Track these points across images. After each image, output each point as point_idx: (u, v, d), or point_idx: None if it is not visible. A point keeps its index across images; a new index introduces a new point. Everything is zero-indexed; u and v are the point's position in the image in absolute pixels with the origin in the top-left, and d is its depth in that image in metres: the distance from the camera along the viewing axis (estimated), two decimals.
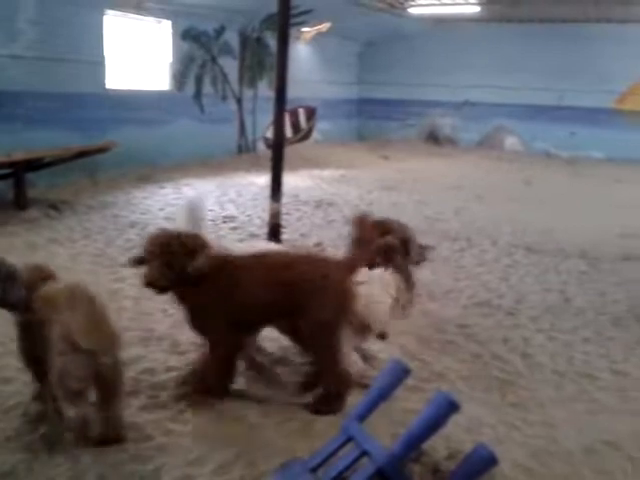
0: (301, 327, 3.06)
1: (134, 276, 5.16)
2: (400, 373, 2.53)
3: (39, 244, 6.00)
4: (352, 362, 3.35)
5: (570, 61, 14.99)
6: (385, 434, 2.80)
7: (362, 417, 2.52)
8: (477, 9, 14.42)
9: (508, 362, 3.84)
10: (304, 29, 13.83)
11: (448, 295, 5.03)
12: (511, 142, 16.48)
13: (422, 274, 5.48)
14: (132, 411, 3.02)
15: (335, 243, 6.56)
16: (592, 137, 15.23)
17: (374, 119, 17.86)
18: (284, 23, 6.14)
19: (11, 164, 7.10)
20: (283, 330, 3.39)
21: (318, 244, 6.50)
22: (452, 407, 2.26)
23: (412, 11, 14.64)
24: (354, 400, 2.95)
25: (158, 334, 4.02)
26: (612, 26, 14.51)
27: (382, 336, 3.58)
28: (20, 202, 7.20)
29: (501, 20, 15.51)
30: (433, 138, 17.22)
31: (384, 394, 2.51)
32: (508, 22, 15.54)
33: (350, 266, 3.16)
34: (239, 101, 12.71)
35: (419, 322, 4.44)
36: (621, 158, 14.55)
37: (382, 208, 8.68)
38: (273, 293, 3.01)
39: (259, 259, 3.17)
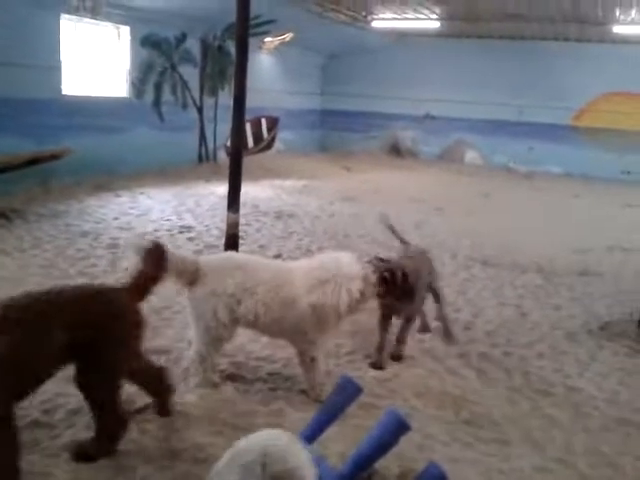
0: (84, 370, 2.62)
1: None
2: (352, 391, 2.46)
3: None
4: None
5: (529, 77, 15.33)
6: (335, 454, 2.73)
7: (312, 437, 2.44)
8: (437, 24, 14.63)
9: (463, 378, 3.82)
10: (267, 39, 13.80)
11: None
12: (471, 156, 16.72)
13: None
14: (75, 430, 2.88)
15: (294, 255, 6.48)
16: (550, 152, 15.58)
17: (336, 130, 17.92)
18: (243, 32, 6.06)
19: None
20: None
21: (277, 256, 6.41)
22: (403, 427, 2.21)
23: (375, 25, 14.77)
24: (307, 419, 2.87)
25: None
26: (569, 44, 14.93)
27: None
28: None
29: (460, 36, 15.77)
30: (395, 150, 17.35)
31: (335, 414, 2.44)
32: (467, 38, 15.81)
33: (134, 292, 2.78)
34: (200, 110, 12.56)
35: (374, 337, 4.39)
36: (579, 173, 14.92)
37: (343, 219, 8.69)
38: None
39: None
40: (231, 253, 4.47)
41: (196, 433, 2.94)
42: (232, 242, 6.20)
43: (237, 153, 6.21)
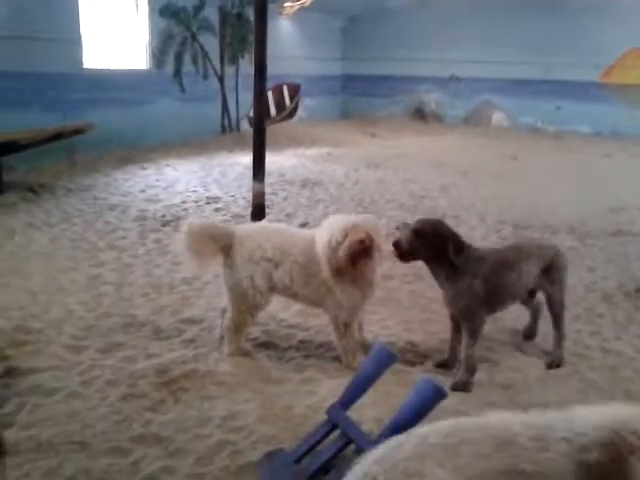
0: None
1: (114, 260, 5.06)
2: (385, 359, 2.44)
3: (17, 228, 5.83)
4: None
5: (556, 34, 14.82)
6: (370, 419, 2.72)
7: (347, 404, 2.43)
8: None
9: (498, 342, 3.77)
10: (286, 4, 13.54)
11: None
12: (498, 118, 16.33)
13: None
14: (111, 400, 2.92)
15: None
16: (579, 111, 15.12)
17: (359, 96, 17.64)
18: None
19: None
20: None
21: (304, 224, 6.37)
22: (439, 395, 2.18)
23: None
24: (340, 386, 2.86)
25: (139, 320, 3.90)
26: None
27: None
28: None
29: None
30: (419, 114, 17.04)
31: (369, 381, 2.42)
32: None
33: None
34: (221, 79, 12.45)
35: (405, 302, 4.36)
36: (608, 132, 14.50)
37: (368, 186, 8.59)
38: None
39: None
40: (264, 222, 4.47)
41: (230, 401, 2.95)
42: (259, 211, 6.20)
43: (260, 122, 6.15)
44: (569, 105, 15.29)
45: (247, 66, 12.66)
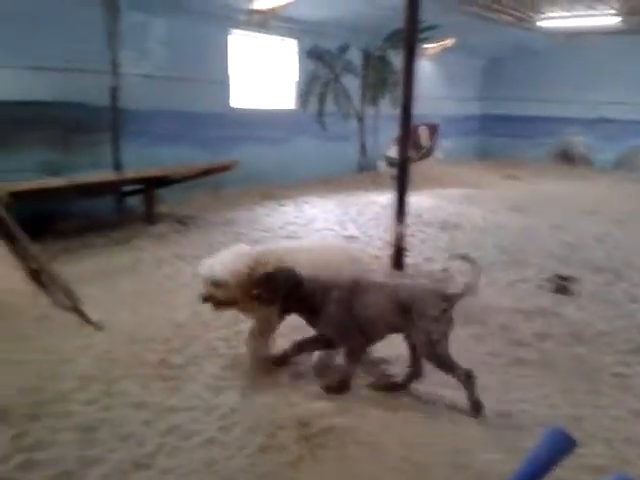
0: None
1: None
2: (563, 444, 2.10)
3: (165, 259, 6.07)
4: None
5: None
6: None
7: None
8: (615, 20, 13.32)
9: None
10: (427, 45, 13.46)
11: (599, 338, 4.40)
12: None
13: (567, 311, 4.94)
14: (250, 451, 2.80)
15: (462, 269, 6.10)
16: None
17: (498, 136, 17.06)
18: (411, 38, 5.84)
19: (141, 180, 7.32)
20: None
21: (444, 270, 6.07)
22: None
23: (541, 24, 13.80)
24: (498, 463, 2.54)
25: None
26: None
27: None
28: (149, 217, 7.43)
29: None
30: (565, 158, 16.11)
31: (543, 470, 2.09)
32: None
33: None
34: (360, 119, 12.54)
35: (565, 367, 3.91)
36: None
37: (513, 232, 8.11)
38: None
39: None
40: None
41: (374, 466, 2.73)
42: (399, 254, 6.00)
43: (404, 162, 6.00)
44: None
45: (386, 107, 12.71)
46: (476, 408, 3.16)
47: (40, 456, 2.69)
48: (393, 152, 13.62)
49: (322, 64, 11.44)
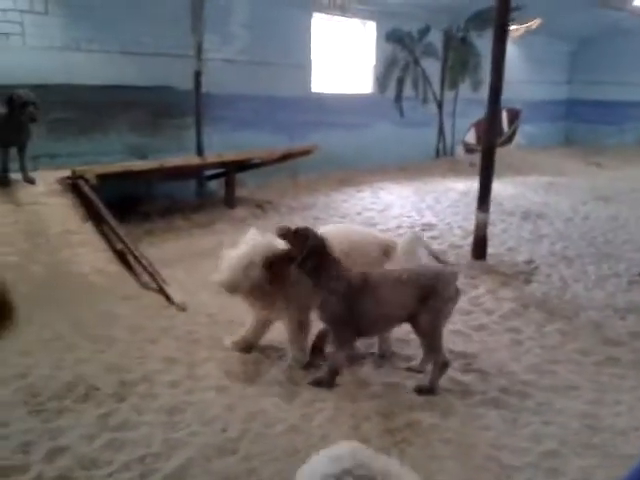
0: None
1: None
2: None
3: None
4: None
5: None
6: None
7: None
8: None
9: None
10: (512, 27, 12.92)
11: None
12: None
13: None
14: (331, 440, 2.77)
15: (548, 261, 5.86)
16: None
17: (585, 122, 16.24)
18: (503, 19, 5.60)
19: (222, 164, 7.42)
20: None
21: (529, 262, 5.84)
22: None
23: (636, 4, 12.96)
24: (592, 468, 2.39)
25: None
26: None
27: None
28: (230, 201, 7.53)
29: None
30: None
31: None
32: None
33: None
34: (439, 104, 12.23)
35: None
36: None
37: (600, 222, 7.71)
38: None
39: None
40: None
41: (461, 466, 2.65)
42: (481, 243, 5.82)
43: (490, 149, 5.79)
44: None
45: (466, 91, 12.35)
46: (428, 391, 3.22)
47: (126, 436, 2.75)
48: (471, 137, 13.31)
49: (401, 47, 11.20)
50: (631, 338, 4.06)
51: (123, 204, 6.32)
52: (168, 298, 4.36)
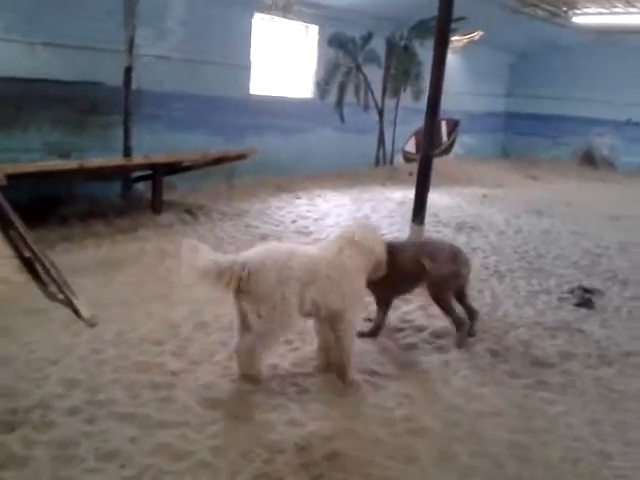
0: None
1: None
2: None
3: (169, 252, 5.77)
4: None
5: None
6: None
7: None
8: None
9: None
10: (454, 38, 13.03)
11: (627, 359, 4.08)
12: None
13: (590, 326, 4.63)
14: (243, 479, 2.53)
15: (479, 275, 5.79)
16: None
17: (522, 135, 16.61)
18: (444, 29, 5.53)
19: (150, 166, 7.03)
20: None
21: None
22: None
23: (576, 20, 13.31)
24: None
25: (280, 372, 3.53)
26: None
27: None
28: (156, 206, 7.06)
29: None
30: (588, 159, 15.67)
31: None
32: None
33: None
34: (380, 112, 12.18)
35: (590, 391, 3.60)
36: None
37: (532, 236, 7.79)
38: None
39: None
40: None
41: None
42: None
43: (427, 161, 5.69)
44: None
45: (407, 99, 12.34)
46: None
47: (8, 476, 2.43)
48: (411, 147, 13.32)
49: (344, 52, 11.08)
50: (561, 359, 3.99)
51: (39, 206, 5.90)
52: (76, 312, 4.01)
